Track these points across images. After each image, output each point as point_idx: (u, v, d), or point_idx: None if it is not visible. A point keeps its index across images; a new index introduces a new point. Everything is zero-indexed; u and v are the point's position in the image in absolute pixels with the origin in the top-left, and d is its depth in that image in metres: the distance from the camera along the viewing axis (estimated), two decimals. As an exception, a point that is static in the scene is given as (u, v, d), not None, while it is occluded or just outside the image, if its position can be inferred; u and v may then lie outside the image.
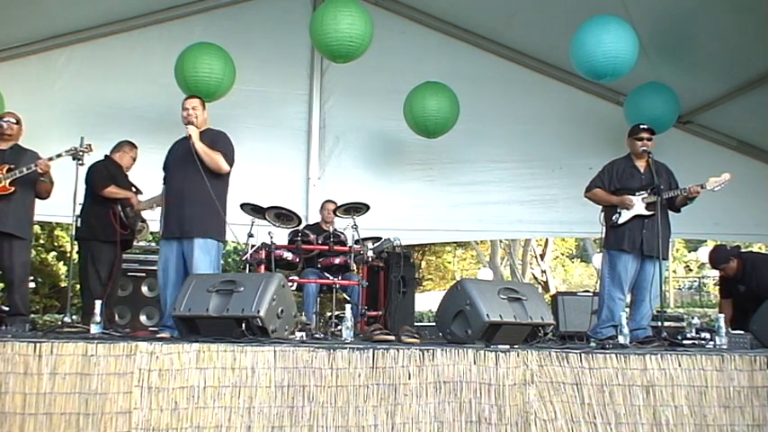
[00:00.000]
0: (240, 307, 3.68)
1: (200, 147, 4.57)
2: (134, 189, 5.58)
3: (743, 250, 6.19)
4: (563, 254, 24.48)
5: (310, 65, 7.27)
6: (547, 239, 19.00)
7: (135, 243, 5.83)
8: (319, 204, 6.73)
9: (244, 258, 5.68)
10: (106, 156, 5.53)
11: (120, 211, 5.33)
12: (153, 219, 5.81)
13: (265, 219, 5.88)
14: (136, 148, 5.67)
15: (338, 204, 6.28)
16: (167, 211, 4.67)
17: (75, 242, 5.29)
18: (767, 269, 5.78)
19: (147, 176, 5.73)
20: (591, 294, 6.09)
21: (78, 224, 5.21)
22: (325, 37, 5.64)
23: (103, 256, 5.28)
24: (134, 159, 5.67)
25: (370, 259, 5.76)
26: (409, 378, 3.26)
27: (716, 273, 6.44)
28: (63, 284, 13.07)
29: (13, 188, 4.82)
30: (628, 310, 5.14)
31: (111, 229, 5.26)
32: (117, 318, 5.99)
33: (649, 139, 5.10)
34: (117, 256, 5.36)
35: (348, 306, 4.25)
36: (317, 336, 4.50)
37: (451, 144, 7.04)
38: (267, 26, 7.05)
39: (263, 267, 5.53)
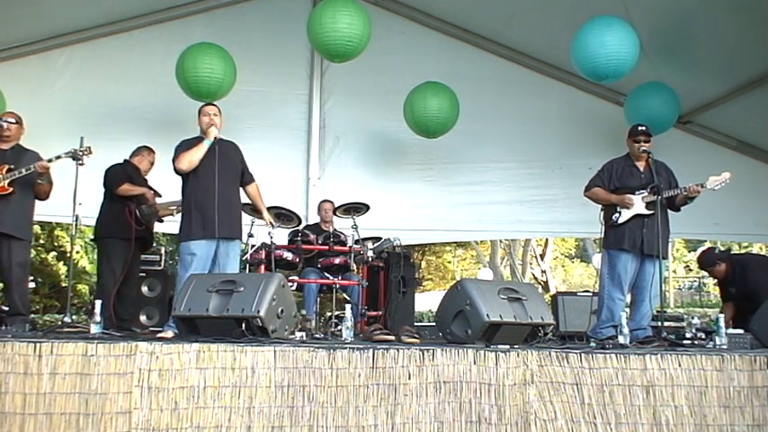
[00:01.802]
0: (240, 307, 3.68)
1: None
2: (153, 192, 5.62)
3: (736, 252, 6.19)
4: (563, 254, 24.48)
5: (310, 65, 7.27)
6: (547, 239, 18.99)
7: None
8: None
9: (244, 258, 5.68)
10: (125, 160, 5.62)
11: (136, 208, 5.34)
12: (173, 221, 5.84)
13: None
14: (154, 152, 5.73)
15: (337, 204, 6.28)
16: (210, 211, 4.61)
17: (93, 242, 5.33)
18: (757, 270, 5.81)
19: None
20: (591, 294, 6.08)
21: (95, 224, 5.35)
22: (324, 36, 5.64)
23: (117, 252, 5.30)
24: (152, 163, 5.73)
25: (370, 259, 5.76)
26: (409, 378, 3.26)
27: (715, 273, 6.44)
28: (63, 284, 13.07)
29: (11, 189, 4.82)
30: (628, 310, 5.13)
31: (125, 226, 5.27)
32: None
33: (647, 141, 5.10)
34: (132, 254, 5.33)
35: (348, 306, 4.25)
36: (317, 336, 4.50)
37: (451, 144, 7.04)
38: (267, 26, 7.06)
39: (263, 267, 5.53)
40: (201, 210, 4.64)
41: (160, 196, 5.64)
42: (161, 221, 5.67)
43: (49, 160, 4.84)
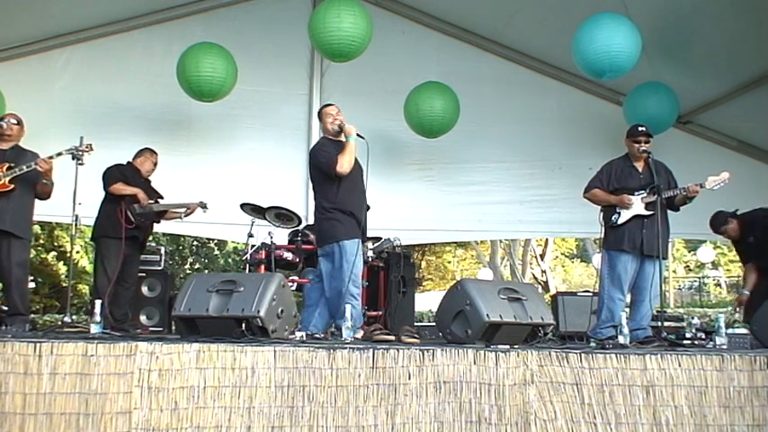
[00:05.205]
0: (240, 307, 3.68)
1: None
2: (154, 192, 5.69)
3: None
4: (563, 254, 24.49)
5: (310, 65, 7.27)
6: (547, 239, 19.01)
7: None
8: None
9: (244, 258, 5.68)
10: (128, 161, 5.69)
11: (127, 207, 5.39)
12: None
13: (265, 219, 5.89)
14: (156, 154, 5.80)
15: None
16: (359, 211, 4.65)
17: (91, 242, 5.38)
18: (765, 217, 5.80)
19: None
20: (591, 294, 6.08)
21: (93, 224, 5.42)
22: (328, 36, 5.63)
23: (111, 252, 5.35)
24: (155, 164, 5.79)
25: (370, 259, 5.76)
26: (409, 378, 3.26)
27: (716, 273, 6.42)
28: (63, 284, 13.08)
29: (12, 186, 4.81)
30: (628, 310, 5.14)
31: (118, 225, 5.34)
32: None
33: (646, 142, 5.10)
34: (125, 253, 5.35)
35: (348, 306, 4.25)
36: (317, 336, 4.50)
37: (451, 144, 7.04)
38: (267, 26, 7.05)
39: (263, 267, 5.53)
40: (359, 210, 4.66)
41: (162, 198, 5.67)
42: (158, 222, 5.68)
43: (50, 157, 4.85)
